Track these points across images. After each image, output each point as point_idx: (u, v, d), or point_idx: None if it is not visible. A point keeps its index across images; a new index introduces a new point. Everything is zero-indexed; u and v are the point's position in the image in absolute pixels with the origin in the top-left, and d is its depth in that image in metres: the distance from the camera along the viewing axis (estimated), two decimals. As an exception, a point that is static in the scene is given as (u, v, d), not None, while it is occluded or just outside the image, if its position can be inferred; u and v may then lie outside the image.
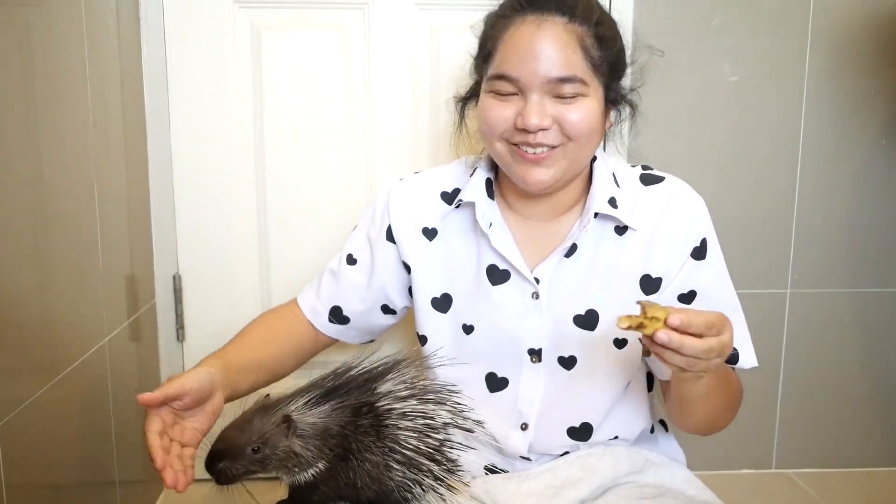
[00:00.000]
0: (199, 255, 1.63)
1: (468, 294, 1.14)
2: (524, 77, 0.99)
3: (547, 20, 0.98)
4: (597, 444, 1.14)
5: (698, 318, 0.83)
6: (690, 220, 1.08)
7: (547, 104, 1.00)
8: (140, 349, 1.51)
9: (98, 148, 1.27)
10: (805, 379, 1.81)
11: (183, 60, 1.55)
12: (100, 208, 1.27)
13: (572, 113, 1.00)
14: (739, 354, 1.09)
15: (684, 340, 0.82)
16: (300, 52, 1.58)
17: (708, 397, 1.01)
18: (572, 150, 1.02)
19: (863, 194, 1.75)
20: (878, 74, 1.70)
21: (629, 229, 1.08)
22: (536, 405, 1.12)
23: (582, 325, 1.09)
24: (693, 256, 1.08)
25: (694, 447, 1.31)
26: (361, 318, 1.23)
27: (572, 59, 0.98)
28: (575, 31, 0.98)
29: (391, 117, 1.61)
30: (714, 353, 0.85)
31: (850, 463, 1.86)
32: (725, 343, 0.86)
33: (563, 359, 1.11)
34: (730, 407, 1.10)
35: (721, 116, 1.70)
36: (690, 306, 1.08)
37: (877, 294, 1.79)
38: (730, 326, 0.88)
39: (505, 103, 1.02)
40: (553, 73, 0.98)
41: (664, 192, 1.10)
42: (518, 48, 0.99)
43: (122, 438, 1.36)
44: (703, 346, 0.83)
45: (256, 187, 1.61)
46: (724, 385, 1.04)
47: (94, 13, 1.27)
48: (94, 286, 1.25)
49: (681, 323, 0.82)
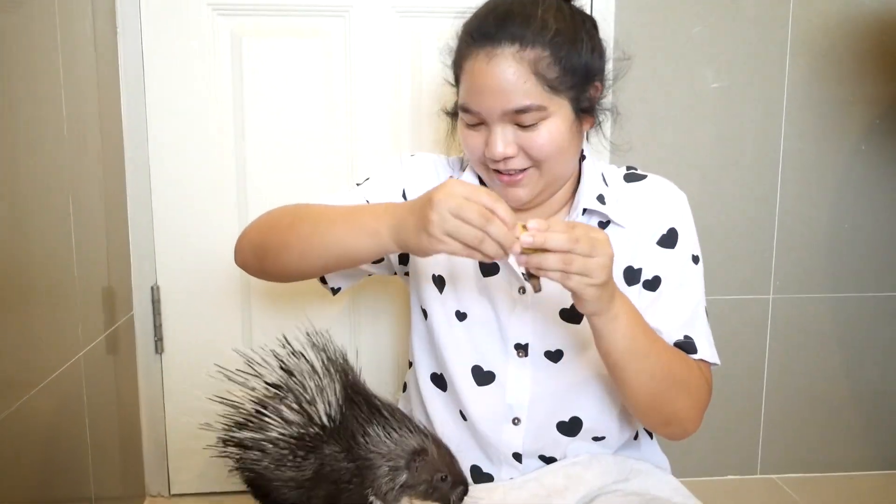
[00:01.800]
0: (178, 265, 1.60)
1: (461, 281, 1.15)
2: (483, 111, 1.01)
3: (496, 54, 0.98)
4: (581, 453, 1.14)
5: (558, 221, 0.86)
6: (664, 210, 1.11)
7: (509, 133, 1.01)
8: (118, 362, 1.48)
9: (74, 158, 1.25)
10: (789, 384, 1.82)
11: (161, 69, 1.53)
12: (75, 219, 1.24)
13: (536, 138, 1.01)
14: (696, 344, 1.06)
15: (547, 235, 0.84)
16: (281, 60, 1.56)
17: (634, 355, 0.97)
18: (546, 168, 1.04)
19: (843, 200, 1.76)
20: (856, 81, 1.71)
21: (612, 223, 1.10)
22: (526, 399, 1.12)
23: (568, 319, 1.10)
24: (659, 244, 1.10)
25: (678, 454, 1.31)
26: None
27: (526, 88, 0.98)
28: (526, 59, 0.98)
29: (373, 125, 1.60)
30: (583, 244, 0.85)
31: (834, 467, 1.86)
32: (598, 240, 0.87)
33: (549, 353, 1.12)
34: (676, 387, 1.03)
35: (704, 123, 1.70)
36: (655, 293, 1.09)
37: (858, 298, 1.80)
38: (603, 235, 0.88)
39: (476, 132, 1.05)
40: (508, 106, 0.98)
41: (646, 188, 1.13)
42: (473, 83, 1.01)
43: (98, 453, 1.33)
44: (567, 236, 0.84)
45: (237, 197, 1.59)
46: (653, 347, 0.99)
47: (69, 21, 1.25)
48: (69, 299, 1.23)
49: (539, 224, 0.85)
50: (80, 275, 1.26)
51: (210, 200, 1.59)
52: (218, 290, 1.62)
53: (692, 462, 1.80)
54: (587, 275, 0.86)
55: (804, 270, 1.78)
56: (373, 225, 0.96)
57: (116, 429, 1.47)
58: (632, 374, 0.99)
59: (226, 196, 1.59)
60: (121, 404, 1.50)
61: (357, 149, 1.60)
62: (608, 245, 0.88)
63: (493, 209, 0.85)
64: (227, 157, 1.58)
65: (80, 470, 1.27)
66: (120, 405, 1.50)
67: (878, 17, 1.69)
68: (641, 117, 1.67)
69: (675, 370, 1.02)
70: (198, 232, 1.59)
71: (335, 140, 1.60)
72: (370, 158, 1.60)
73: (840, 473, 1.86)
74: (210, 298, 1.62)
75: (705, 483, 1.81)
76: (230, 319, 1.63)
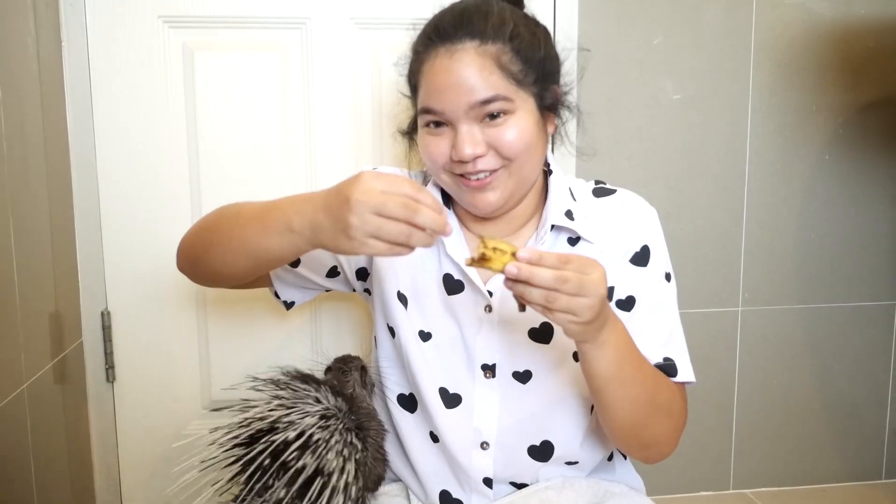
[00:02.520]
0: (130, 290, 1.54)
1: (426, 299, 1.11)
2: (448, 109, 0.98)
3: (458, 49, 0.97)
4: (554, 477, 1.11)
5: (552, 254, 0.82)
6: (636, 228, 1.08)
7: (476, 131, 0.99)
8: (66, 391, 1.41)
9: (15, 178, 1.19)
10: (760, 397, 1.81)
11: (109, 84, 1.47)
12: (17, 241, 1.18)
13: (505, 133, 0.98)
14: (677, 367, 1.04)
15: (533, 270, 0.80)
16: (236, 73, 1.51)
17: (619, 383, 0.94)
18: (516, 168, 1.01)
19: (810, 209, 1.77)
20: (819, 91, 1.72)
21: (582, 240, 1.07)
22: (494, 423, 1.08)
23: (537, 339, 1.07)
24: (632, 262, 1.07)
25: (652, 473, 1.28)
26: (307, 268, 1.16)
27: (491, 79, 0.96)
28: (489, 53, 0.97)
29: (333, 139, 1.56)
30: (570, 285, 0.81)
31: (807, 480, 1.86)
32: (589, 281, 0.82)
33: (517, 373, 1.08)
34: (658, 413, 1.00)
35: (668, 134, 1.69)
36: (630, 314, 1.06)
37: (828, 309, 1.80)
38: (599, 269, 0.84)
39: (439, 137, 1.01)
40: (473, 97, 0.96)
41: (615, 203, 1.11)
42: (436, 82, 0.98)
43: (45, 491, 1.26)
44: (554, 275, 0.80)
45: (192, 216, 1.53)
46: (638, 373, 0.96)
47: (9, 34, 1.19)
48: (11, 327, 1.16)
49: (530, 256, 0.81)
50: (22, 301, 1.19)
51: (163, 220, 1.52)
52: (172, 313, 1.56)
53: (665, 480, 1.78)
54: (572, 313, 0.83)
55: (773, 282, 1.77)
56: (284, 223, 0.90)
57: (66, 464, 1.40)
58: (615, 400, 0.96)
59: (179, 215, 1.53)
60: (70, 437, 1.43)
61: (316, 163, 1.56)
62: (601, 285, 0.83)
63: (415, 198, 0.81)
64: (180, 175, 1.52)
65: (25, 508, 1.19)
66: (69, 438, 1.42)
67: (838, 26, 1.70)
68: (605, 128, 1.66)
69: (659, 396, 0.99)
70: (150, 253, 1.53)
71: (294, 155, 1.55)
72: (330, 173, 1.56)
73: (813, 486, 1.85)
74: (164, 323, 1.56)
75: (679, 500, 1.79)
76: (185, 344, 1.57)
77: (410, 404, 1.14)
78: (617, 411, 0.97)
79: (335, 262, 1.17)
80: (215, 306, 1.57)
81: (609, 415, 0.98)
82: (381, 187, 0.81)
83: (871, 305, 1.81)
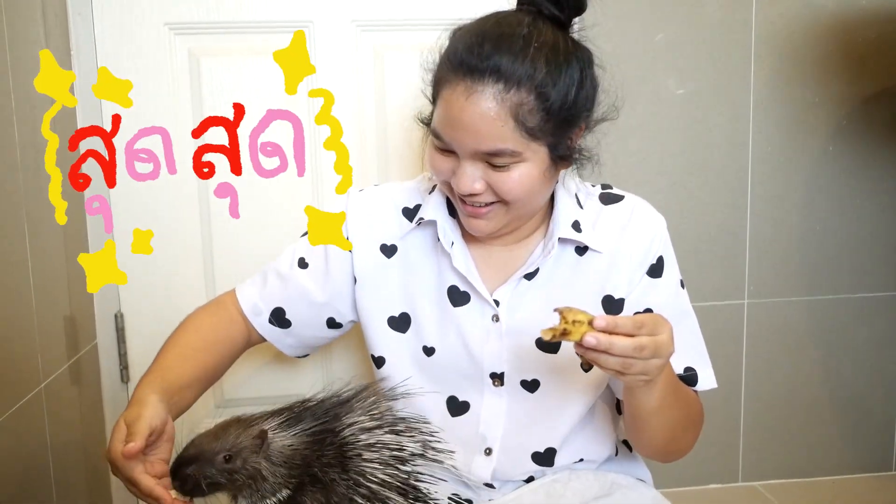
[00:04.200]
0: (142, 292, 1.56)
1: (430, 314, 1.11)
2: (454, 145, 0.95)
3: (477, 91, 0.91)
4: (562, 469, 1.12)
5: (626, 319, 0.83)
6: (650, 239, 1.07)
7: (479, 170, 0.96)
8: (82, 392, 1.44)
9: (28, 184, 1.21)
10: (767, 389, 1.81)
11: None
12: (31, 247, 1.20)
13: (507, 180, 0.95)
14: (698, 375, 1.07)
15: (612, 340, 0.81)
16: (241, 78, 1.53)
17: (660, 411, 0.97)
18: (514, 208, 0.99)
19: (814, 201, 1.77)
20: (821, 83, 1.72)
21: (590, 250, 1.07)
22: (500, 430, 1.09)
23: (544, 348, 1.07)
24: (649, 274, 1.07)
25: (660, 465, 1.29)
26: (303, 327, 1.18)
27: (502, 132, 0.91)
28: (509, 101, 0.90)
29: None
30: (647, 351, 0.83)
31: (815, 472, 1.86)
32: (662, 343, 0.84)
33: (525, 382, 1.09)
34: (688, 427, 1.06)
35: (670, 130, 1.70)
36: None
37: (833, 301, 1.80)
38: (667, 327, 0.86)
39: (445, 156, 0.99)
40: (480, 147, 0.93)
41: (624, 211, 1.09)
42: (448, 115, 0.94)
43: (63, 488, 1.29)
44: (633, 344, 0.82)
45: (200, 218, 1.56)
46: (677, 399, 1.00)
47: (20, 43, 1.21)
48: (27, 329, 1.18)
49: (607, 324, 0.82)
50: (38, 303, 1.22)
51: (172, 223, 1.55)
52: (183, 314, 1.56)
53: (674, 473, 1.78)
54: (644, 374, 0.86)
55: (778, 274, 1.78)
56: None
57: (83, 462, 1.43)
58: (653, 426, 1.00)
59: (188, 218, 1.55)
60: (86, 435, 1.46)
61: (321, 167, 1.58)
62: (671, 344, 0.86)
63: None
64: (189, 180, 1.55)
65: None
66: (86, 437, 1.45)
67: (839, 18, 1.70)
68: (608, 125, 1.66)
69: (691, 415, 1.04)
70: (160, 256, 1.55)
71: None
72: (335, 177, 1.57)
73: (822, 478, 1.86)
74: (175, 324, 1.57)
75: (687, 493, 1.80)
76: (198, 345, 1.59)
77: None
78: (654, 435, 1.02)
79: (331, 314, 1.17)
80: (226, 307, 1.59)
81: (645, 438, 1.04)
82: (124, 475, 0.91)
83: (877, 297, 1.81)
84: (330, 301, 1.16)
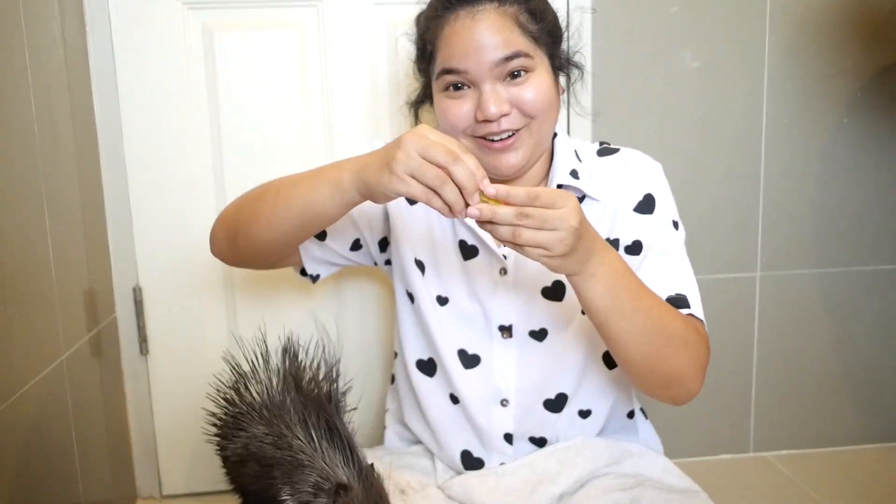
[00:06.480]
0: (160, 265, 1.58)
1: (442, 265, 1.15)
2: (472, 68, 1.01)
3: (479, 10, 1.02)
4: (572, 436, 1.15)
5: (521, 189, 0.83)
6: (638, 179, 1.11)
7: (500, 90, 1.02)
8: (102, 365, 1.47)
9: (46, 159, 1.23)
10: (779, 361, 1.82)
11: (133, 66, 1.51)
12: (51, 221, 1.22)
13: (527, 92, 1.03)
14: (689, 300, 1.03)
15: (495, 209, 0.82)
16: (254, 52, 1.54)
17: (619, 313, 0.93)
18: (536, 127, 1.05)
19: (827, 174, 1.76)
20: (837, 54, 1.71)
21: (588, 198, 1.10)
22: (513, 380, 1.12)
23: (550, 297, 1.11)
24: (637, 210, 1.10)
25: (671, 435, 1.31)
26: (333, 239, 1.19)
27: (512, 37, 1.01)
28: (508, 12, 1.02)
29: (350, 117, 1.58)
30: (533, 220, 0.81)
31: (826, 443, 1.86)
32: (557, 215, 0.82)
33: (533, 332, 1.12)
34: (669, 344, 0.97)
35: (685, 103, 1.69)
36: (638, 259, 1.08)
37: (846, 273, 1.80)
38: (570, 201, 0.83)
39: (460, 100, 1.04)
40: (497, 55, 1.01)
41: (619, 160, 1.14)
42: (459, 42, 1.02)
43: (86, 456, 1.32)
44: (514, 211, 0.82)
45: (215, 192, 1.57)
46: (640, 303, 0.94)
47: (35, 21, 1.22)
48: (49, 302, 1.21)
49: (497, 193, 0.83)
50: (58, 277, 1.24)
51: (188, 197, 1.57)
52: (201, 287, 1.60)
53: (685, 442, 1.81)
54: (542, 247, 0.83)
55: (791, 247, 1.77)
56: (335, 175, 0.95)
57: (104, 431, 1.46)
58: (619, 333, 0.94)
59: (204, 192, 1.57)
60: (107, 406, 1.49)
61: (334, 141, 1.59)
62: (570, 217, 0.83)
63: (458, 154, 0.84)
64: (203, 153, 1.56)
65: (68, 474, 1.25)
66: (107, 407, 1.48)
67: (855, -12, 1.68)
68: (623, 97, 1.66)
69: (669, 326, 0.96)
70: (177, 230, 1.57)
71: (312, 132, 1.58)
72: (348, 149, 1.58)
73: (833, 448, 1.86)
74: (193, 297, 1.60)
75: (698, 463, 1.81)
76: (215, 317, 1.61)
77: (429, 369, 1.18)
78: (624, 344, 0.96)
79: (358, 235, 1.20)
80: (243, 281, 1.62)
81: (618, 350, 0.97)
82: (433, 136, 0.85)
83: (890, 269, 1.81)
84: (362, 222, 1.19)
